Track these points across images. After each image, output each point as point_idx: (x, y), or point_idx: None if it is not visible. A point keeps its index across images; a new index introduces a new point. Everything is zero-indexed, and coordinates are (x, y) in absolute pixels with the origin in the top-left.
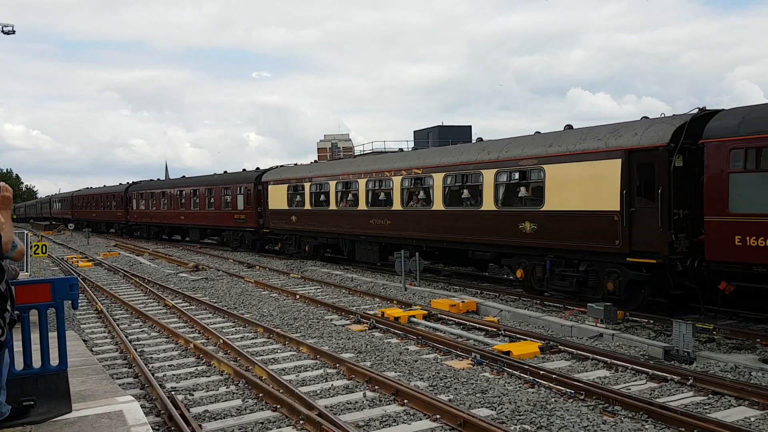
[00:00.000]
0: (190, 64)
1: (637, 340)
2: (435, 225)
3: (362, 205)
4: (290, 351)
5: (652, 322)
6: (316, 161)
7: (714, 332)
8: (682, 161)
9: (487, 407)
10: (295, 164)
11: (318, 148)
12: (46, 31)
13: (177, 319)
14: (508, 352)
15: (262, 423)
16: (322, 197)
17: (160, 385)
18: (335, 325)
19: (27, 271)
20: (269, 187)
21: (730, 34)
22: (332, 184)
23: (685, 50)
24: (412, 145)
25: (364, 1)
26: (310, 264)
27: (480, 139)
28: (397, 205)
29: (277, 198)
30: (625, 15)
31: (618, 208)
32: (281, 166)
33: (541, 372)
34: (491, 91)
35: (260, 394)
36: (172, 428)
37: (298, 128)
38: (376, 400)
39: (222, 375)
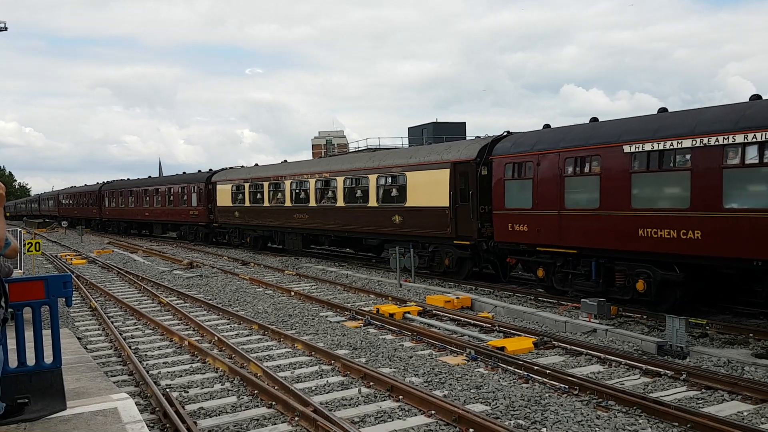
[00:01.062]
0: (182, 61)
1: (630, 335)
2: (339, 219)
3: (288, 203)
4: (285, 348)
5: (645, 317)
6: (257, 165)
7: (707, 327)
8: (486, 171)
9: (481, 402)
10: (242, 166)
11: (313, 145)
12: (36, 27)
13: (171, 317)
14: (502, 348)
15: (258, 420)
16: (259, 195)
17: (155, 383)
18: (330, 321)
19: (20, 269)
20: (217, 186)
21: (721, 31)
22: (266, 184)
23: (677, 47)
24: (407, 142)
25: None
26: (305, 261)
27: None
28: (312, 203)
29: (224, 196)
30: (617, 12)
31: (448, 205)
32: (230, 168)
33: (536, 367)
34: (484, 87)
35: (255, 391)
36: (167, 425)
37: (291, 125)
38: (371, 396)
39: (217, 372)
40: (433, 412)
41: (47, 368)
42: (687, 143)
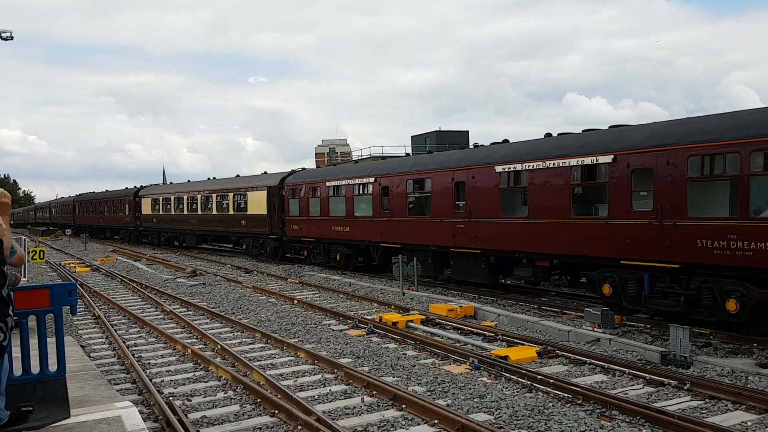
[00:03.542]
0: (185, 69)
1: (634, 344)
2: (214, 223)
3: (186, 211)
4: (288, 356)
5: (649, 326)
6: (171, 183)
7: (711, 337)
8: (285, 192)
9: (485, 412)
10: (163, 183)
11: (316, 153)
12: (39, 35)
13: (175, 325)
14: (505, 357)
15: (260, 428)
16: (168, 206)
17: (158, 391)
18: (333, 330)
19: (25, 277)
20: (142, 199)
21: (724, 39)
22: (172, 198)
23: (679, 55)
24: (410, 151)
25: (358, 6)
26: (308, 269)
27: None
28: (200, 212)
29: (147, 207)
30: (620, 20)
31: (266, 213)
32: (152, 185)
33: (539, 377)
34: (486, 96)
35: (258, 400)
36: None
37: (294, 133)
38: (374, 405)
39: (220, 380)
40: (436, 421)
41: (51, 376)
42: (343, 182)
